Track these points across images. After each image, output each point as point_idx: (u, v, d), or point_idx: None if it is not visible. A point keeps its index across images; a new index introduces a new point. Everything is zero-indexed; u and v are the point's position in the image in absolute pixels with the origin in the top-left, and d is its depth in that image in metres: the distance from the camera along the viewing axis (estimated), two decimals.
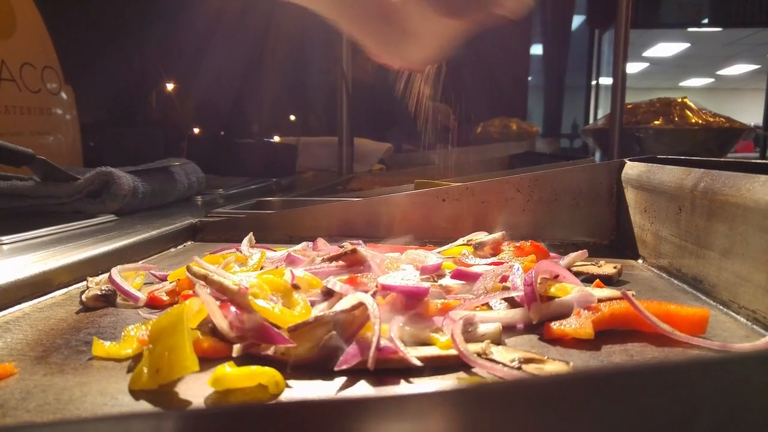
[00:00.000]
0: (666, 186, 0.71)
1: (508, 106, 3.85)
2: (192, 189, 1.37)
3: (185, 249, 0.91)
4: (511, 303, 0.53)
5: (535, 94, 5.19)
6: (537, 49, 5.08)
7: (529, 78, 4.90)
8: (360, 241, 0.75)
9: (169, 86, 2.51)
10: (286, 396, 0.38)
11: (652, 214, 0.76)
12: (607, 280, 0.64)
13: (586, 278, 0.63)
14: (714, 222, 0.59)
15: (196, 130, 2.54)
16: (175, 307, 0.44)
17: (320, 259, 0.66)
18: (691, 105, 2.10)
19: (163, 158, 1.49)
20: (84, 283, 0.63)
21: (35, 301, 0.59)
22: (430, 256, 0.67)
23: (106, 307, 0.57)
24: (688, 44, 7.24)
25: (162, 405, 0.36)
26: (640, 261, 0.78)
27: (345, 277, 0.57)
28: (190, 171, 1.38)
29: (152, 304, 0.57)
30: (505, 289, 0.54)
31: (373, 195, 1.20)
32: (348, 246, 0.66)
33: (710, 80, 9.99)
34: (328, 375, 0.40)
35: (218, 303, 0.46)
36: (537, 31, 4.87)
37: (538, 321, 0.49)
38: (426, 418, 0.23)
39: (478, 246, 0.74)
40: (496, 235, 0.76)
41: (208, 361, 0.41)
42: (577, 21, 5.38)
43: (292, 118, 3.14)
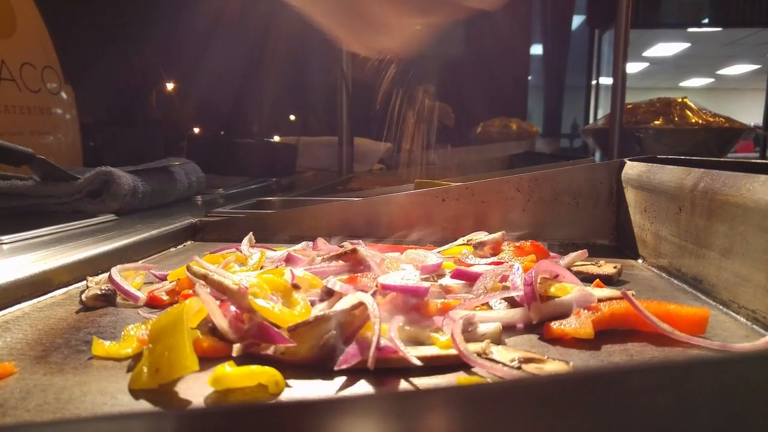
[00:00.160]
0: (666, 186, 0.71)
1: (508, 105, 3.85)
2: (192, 189, 1.37)
3: (185, 249, 0.90)
4: (511, 303, 0.53)
5: (535, 94, 5.19)
6: (537, 49, 5.08)
7: (529, 78, 4.90)
8: (360, 241, 0.75)
9: (169, 86, 2.51)
10: (286, 395, 0.38)
11: (652, 214, 0.76)
12: (607, 280, 0.64)
13: (585, 278, 0.62)
14: (714, 222, 0.59)
15: (196, 130, 2.54)
16: (175, 306, 0.44)
17: (320, 258, 0.66)
18: (691, 105, 2.10)
19: (163, 158, 1.49)
20: (84, 282, 0.63)
21: (35, 300, 0.59)
22: (430, 256, 0.67)
23: (106, 306, 0.57)
24: (688, 44, 7.24)
25: (162, 404, 0.36)
26: (640, 261, 0.78)
27: (345, 276, 0.57)
28: (190, 171, 1.38)
29: (152, 303, 0.57)
30: (505, 288, 0.54)
31: (373, 195, 1.20)
32: (348, 246, 0.66)
33: (710, 80, 9.98)
34: (328, 374, 0.40)
35: (218, 302, 0.46)
36: (537, 31, 4.87)
37: (538, 321, 0.49)
38: (426, 418, 0.23)
39: (478, 246, 0.74)
40: (496, 235, 0.76)
41: (207, 361, 0.41)
42: (577, 21, 5.39)
43: (292, 117, 3.14)
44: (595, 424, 0.24)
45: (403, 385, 0.39)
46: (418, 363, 0.40)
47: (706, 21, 5.32)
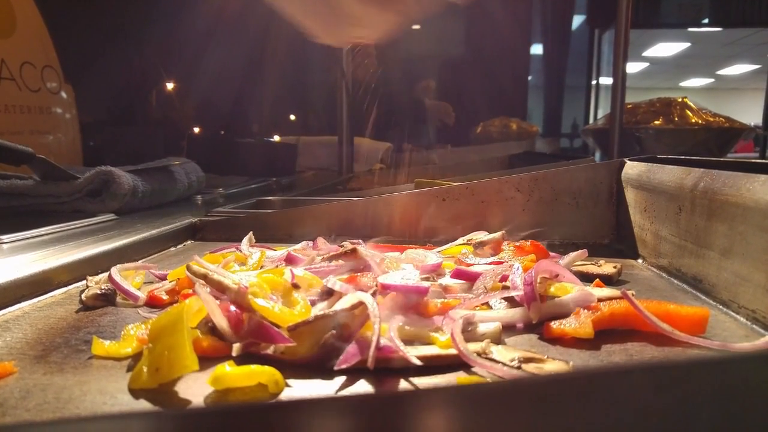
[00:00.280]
0: (666, 186, 0.71)
1: (508, 105, 3.85)
2: (192, 188, 1.37)
3: (185, 248, 0.90)
4: (511, 302, 0.53)
5: (535, 93, 5.19)
6: (537, 49, 5.08)
7: (529, 78, 4.90)
8: (360, 241, 0.75)
9: (169, 86, 2.51)
10: (286, 395, 0.38)
11: (651, 214, 0.76)
12: (607, 280, 0.64)
13: (585, 278, 0.62)
14: (714, 222, 0.59)
15: (196, 130, 2.54)
16: (175, 306, 0.44)
17: (320, 258, 0.66)
18: (691, 105, 2.10)
19: (163, 157, 1.49)
20: (84, 282, 0.63)
21: (35, 300, 0.59)
22: (430, 256, 0.67)
23: (106, 306, 0.57)
24: (688, 44, 7.24)
25: (161, 404, 0.36)
26: (639, 261, 0.78)
27: (345, 276, 0.57)
28: (190, 170, 1.38)
29: (152, 303, 0.57)
30: (505, 288, 0.54)
31: (373, 195, 1.20)
32: (348, 245, 0.66)
33: (710, 80, 9.99)
34: (328, 374, 0.40)
35: (218, 302, 0.46)
36: (537, 31, 4.87)
37: (538, 320, 0.49)
38: (426, 418, 0.23)
39: (478, 245, 0.74)
40: (496, 235, 0.76)
41: (207, 360, 0.41)
42: (577, 21, 5.39)
43: (292, 117, 3.14)
44: (595, 424, 0.24)
45: (403, 384, 0.39)
46: (418, 363, 0.40)
47: (706, 21, 5.32)
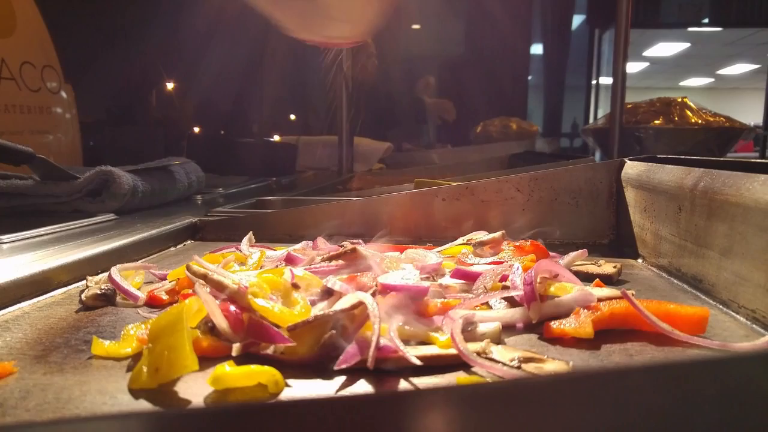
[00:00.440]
0: (666, 185, 0.71)
1: (508, 105, 3.85)
2: (192, 188, 1.37)
3: (185, 248, 0.90)
4: (511, 302, 0.53)
5: (535, 93, 5.19)
6: (537, 49, 5.08)
7: (529, 77, 4.90)
8: (360, 240, 0.75)
9: (169, 85, 2.51)
10: (286, 395, 0.38)
11: (651, 214, 0.76)
12: (607, 280, 0.63)
13: (585, 278, 0.62)
14: (714, 221, 0.59)
15: (196, 129, 2.54)
16: (175, 306, 0.44)
17: (320, 258, 0.66)
18: (691, 105, 2.10)
19: (163, 157, 1.49)
20: (84, 282, 0.63)
21: (35, 300, 0.59)
22: (430, 256, 0.67)
23: (106, 306, 0.57)
24: (688, 44, 7.24)
25: (161, 404, 0.36)
26: (639, 260, 0.78)
27: (345, 276, 0.57)
28: (190, 170, 1.38)
29: (152, 303, 0.57)
30: (505, 288, 0.54)
31: (373, 194, 1.20)
32: (348, 245, 0.66)
33: (710, 80, 9.99)
34: (328, 374, 0.40)
35: (218, 302, 0.46)
36: (537, 31, 4.87)
37: (538, 320, 0.49)
38: (425, 418, 0.23)
39: (478, 245, 0.74)
40: (496, 235, 0.76)
41: (207, 360, 0.41)
42: (577, 21, 5.39)
43: (292, 117, 3.14)
44: (595, 424, 0.24)
45: (403, 384, 0.39)
46: (418, 362, 0.40)
47: (706, 21, 5.33)
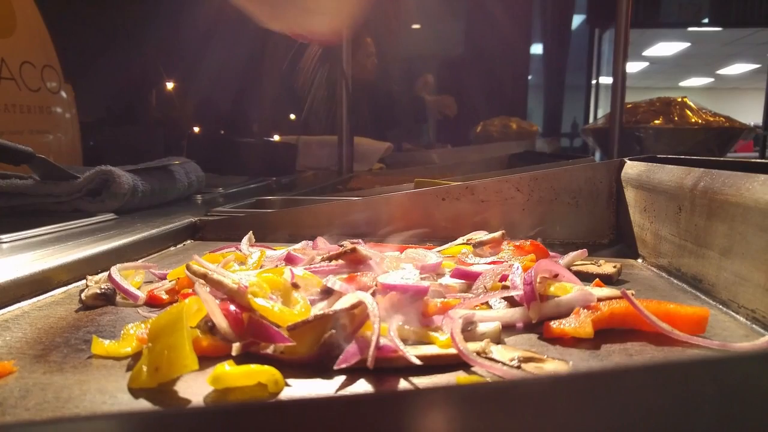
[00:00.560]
0: (666, 185, 0.71)
1: (508, 105, 3.85)
2: (192, 188, 1.37)
3: (185, 248, 0.90)
4: (511, 302, 0.53)
5: (535, 93, 5.19)
6: (537, 49, 5.08)
7: (529, 77, 4.90)
8: (360, 240, 0.75)
9: (169, 85, 2.51)
10: (286, 395, 0.38)
11: (651, 214, 0.76)
12: (607, 280, 0.64)
13: (585, 277, 0.62)
14: (714, 221, 0.59)
15: (196, 129, 2.54)
16: (175, 305, 0.44)
17: (320, 258, 0.66)
18: (691, 105, 2.10)
19: (163, 157, 1.49)
20: (83, 281, 0.63)
21: (35, 299, 0.59)
22: (430, 255, 0.67)
23: (106, 305, 0.57)
24: (688, 44, 7.24)
25: (161, 403, 0.36)
26: (639, 260, 0.78)
27: (344, 275, 0.57)
28: (190, 170, 1.38)
29: (152, 302, 0.57)
30: (505, 288, 0.54)
31: (373, 194, 1.20)
32: (348, 245, 0.66)
33: (710, 80, 9.99)
34: (328, 374, 0.40)
35: (218, 302, 0.46)
36: (537, 31, 4.87)
37: (538, 320, 0.49)
38: (425, 417, 0.23)
39: (478, 245, 0.74)
40: (496, 235, 0.76)
41: (207, 360, 0.41)
42: (577, 21, 5.39)
43: (292, 117, 3.14)
44: (595, 424, 0.24)
45: (403, 384, 0.39)
46: (418, 362, 0.40)
47: (706, 21, 5.33)
